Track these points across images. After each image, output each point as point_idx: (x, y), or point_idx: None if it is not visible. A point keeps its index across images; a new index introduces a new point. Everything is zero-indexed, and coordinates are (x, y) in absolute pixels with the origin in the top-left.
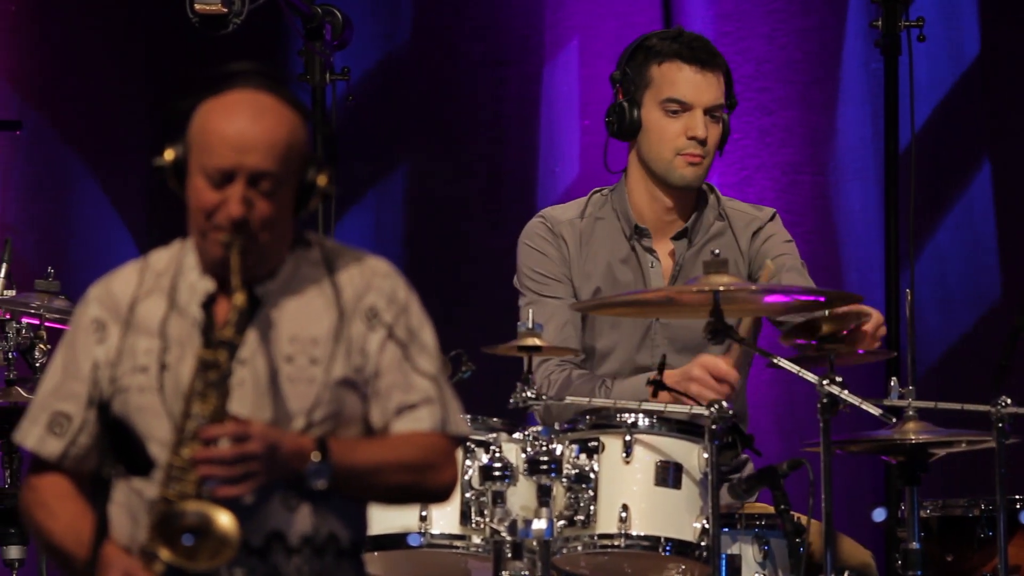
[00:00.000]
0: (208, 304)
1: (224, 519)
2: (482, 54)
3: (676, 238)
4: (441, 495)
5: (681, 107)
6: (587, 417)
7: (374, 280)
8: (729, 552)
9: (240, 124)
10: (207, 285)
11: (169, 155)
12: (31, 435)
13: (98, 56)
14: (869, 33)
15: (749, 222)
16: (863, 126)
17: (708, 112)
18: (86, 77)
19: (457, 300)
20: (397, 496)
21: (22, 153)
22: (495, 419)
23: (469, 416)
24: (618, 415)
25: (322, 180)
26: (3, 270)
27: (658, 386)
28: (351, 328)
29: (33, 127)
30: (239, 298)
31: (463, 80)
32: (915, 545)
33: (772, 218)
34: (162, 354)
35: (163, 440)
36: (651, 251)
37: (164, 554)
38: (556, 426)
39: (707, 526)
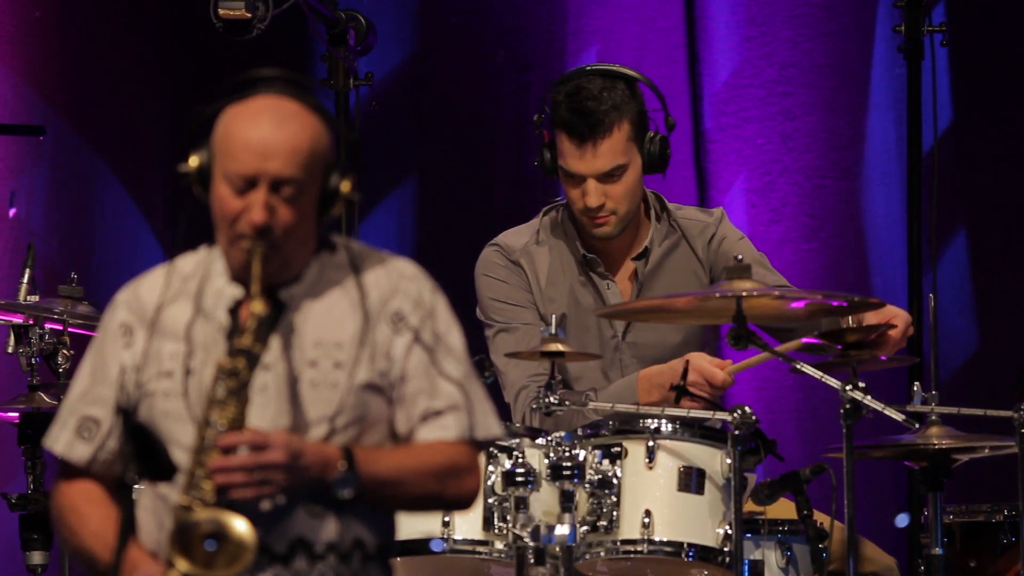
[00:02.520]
0: (235, 309)
1: (240, 526)
2: (505, 59)
3: (637, 258)
4: (465, 503)
5: (574, 177)
6: (610, 423)
7: (400, 283)
8: (752, 557)
9: (263, 130)
10: (234, 291)
11: (193, 162)
12: (60, 440)
13: (122, 61)
14: (893, 38)
15: (702, 229)
16: (887, 131)
17: (601, 177)
18: (110, 82)
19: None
20: (421, 505)
21: (46, 158)
22: (518, 424)
23: None
24: (641, 420)
25: (345, 186)
26: (26, 275)
27: (680, 392)
28: (376, 332)
29: (57, 132)
30: (258, 306)
31: (486, 85)
32: (938, 551)
33: (721, 219)
34: (187, 359)
35: (187, 445)
36: (604, 275)
37: (181, 564)
38: (579, 432)
39: (730, 531)
